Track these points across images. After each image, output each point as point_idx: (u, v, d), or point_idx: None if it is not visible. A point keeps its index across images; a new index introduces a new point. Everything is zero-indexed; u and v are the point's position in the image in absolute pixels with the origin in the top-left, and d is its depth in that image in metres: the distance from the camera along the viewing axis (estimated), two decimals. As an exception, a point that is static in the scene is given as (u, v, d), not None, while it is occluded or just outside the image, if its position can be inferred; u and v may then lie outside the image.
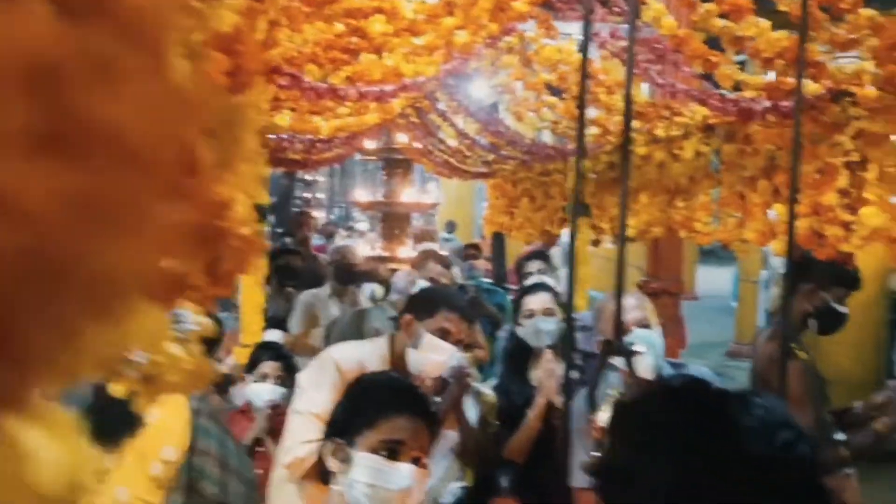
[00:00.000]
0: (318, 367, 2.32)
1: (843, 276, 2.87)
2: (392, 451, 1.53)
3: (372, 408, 1.57)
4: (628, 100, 1.71)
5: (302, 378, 2.35)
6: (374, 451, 1.53)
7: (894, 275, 6.87)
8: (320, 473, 1.63)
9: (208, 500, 2.30)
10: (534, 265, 4.44)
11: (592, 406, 1.97)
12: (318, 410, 2.06)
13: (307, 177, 19.33)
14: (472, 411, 2.50)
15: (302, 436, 2.11)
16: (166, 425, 1.96)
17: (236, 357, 3.69)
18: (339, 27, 2.06)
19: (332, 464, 1.56)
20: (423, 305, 2.40)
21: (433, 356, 2.31)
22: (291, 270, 5.04)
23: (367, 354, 2.34)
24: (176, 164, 0.23)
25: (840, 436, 2.64)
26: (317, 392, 2.17)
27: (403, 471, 1.52)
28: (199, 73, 0.25)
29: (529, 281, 4.25)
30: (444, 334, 2.32)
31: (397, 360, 2.35)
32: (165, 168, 0.22)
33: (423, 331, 2.32)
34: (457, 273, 5.05)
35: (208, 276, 0.45)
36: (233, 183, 0.39)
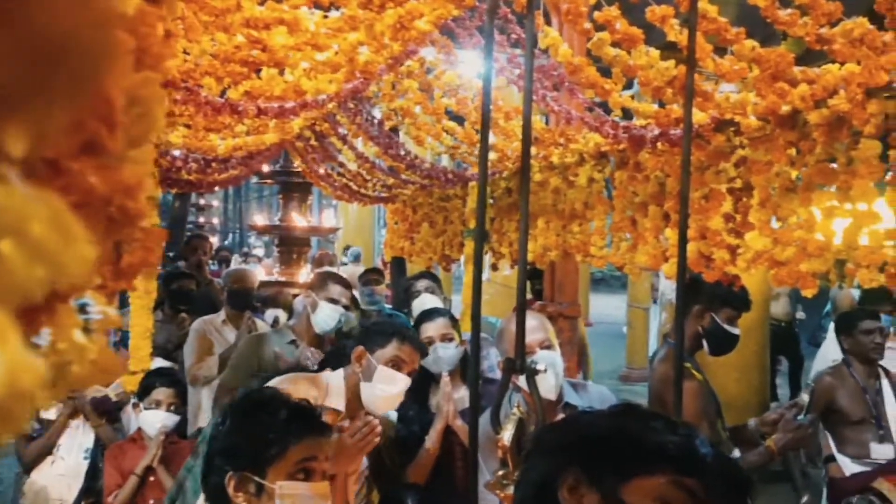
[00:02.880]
0: None
1: (731, 297, 2.99)
2: (308, 471, 1.52)
3: (280, 438, 1.53)
4: (527, 125, 1.73)
5: None
6: (292, 476, 1.50)
7: (773, 301, 7.24)
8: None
9: None
10: (421, 284, 4.46)
11: (496, 425, 1.96)
12: None
13: (201, 201, 18.81)
14: None
15: None
16: None
17: (124, 384, 3.52)
18: (239, 39, 2.01)
19: (240, 497, 1.50)
20: (375, 337, 2.39)
21: (386, 388, 2.31)
22: (185, 295, 4.86)
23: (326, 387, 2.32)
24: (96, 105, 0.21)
25: (735, 453, 2.73)
26: None
27: (321, 489, 1.52)
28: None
29: (417, 300, 4.26)
30: (397, 365, 2.32)
31: (351, 393, 2.33)
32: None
33: (375, 362, 2.31)
34: (358, 297, 5.00)
35: (111, 268, 0.42)
36: (140, 166, 0.36)
